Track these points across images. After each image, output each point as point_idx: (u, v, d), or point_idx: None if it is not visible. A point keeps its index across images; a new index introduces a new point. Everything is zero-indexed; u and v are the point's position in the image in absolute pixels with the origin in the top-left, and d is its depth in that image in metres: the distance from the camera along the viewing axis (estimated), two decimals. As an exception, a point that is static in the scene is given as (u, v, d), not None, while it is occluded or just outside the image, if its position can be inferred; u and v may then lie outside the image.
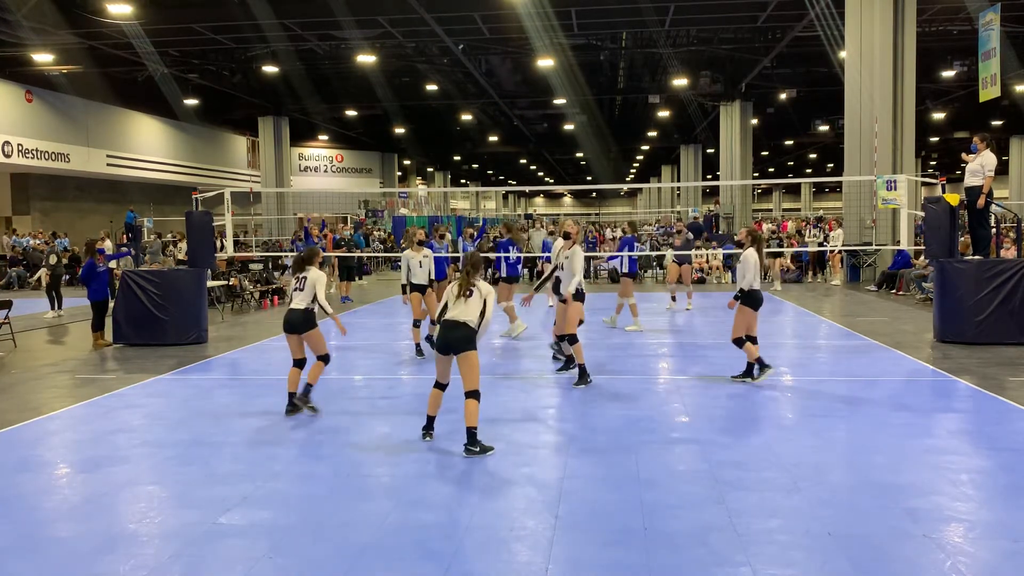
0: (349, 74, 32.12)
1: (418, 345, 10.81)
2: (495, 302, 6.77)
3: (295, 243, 23.40)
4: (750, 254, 8.54)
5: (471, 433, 6.25)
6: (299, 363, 7.75)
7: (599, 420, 7.28)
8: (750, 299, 8.56)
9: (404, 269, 10.96)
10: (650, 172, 70.94)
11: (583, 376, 8.71)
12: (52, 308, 16.85)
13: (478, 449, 6.22)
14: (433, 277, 11.10)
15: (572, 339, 8.82)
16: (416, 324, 10.85)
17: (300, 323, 7.60)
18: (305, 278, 7.66)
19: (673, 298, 15.76)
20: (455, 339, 6.26)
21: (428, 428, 6.67)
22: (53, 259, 18.17)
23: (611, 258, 17.46)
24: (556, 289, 9.51)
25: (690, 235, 16.90)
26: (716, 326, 13.18)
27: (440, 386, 6.55)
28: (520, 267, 14.97)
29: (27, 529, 4.94)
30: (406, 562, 4.35)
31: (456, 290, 6.43)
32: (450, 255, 14.20)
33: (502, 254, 13.33)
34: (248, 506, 5.23)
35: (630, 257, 13.62)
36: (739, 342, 8.67)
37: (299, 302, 7.60)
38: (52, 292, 17.05)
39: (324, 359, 7.78)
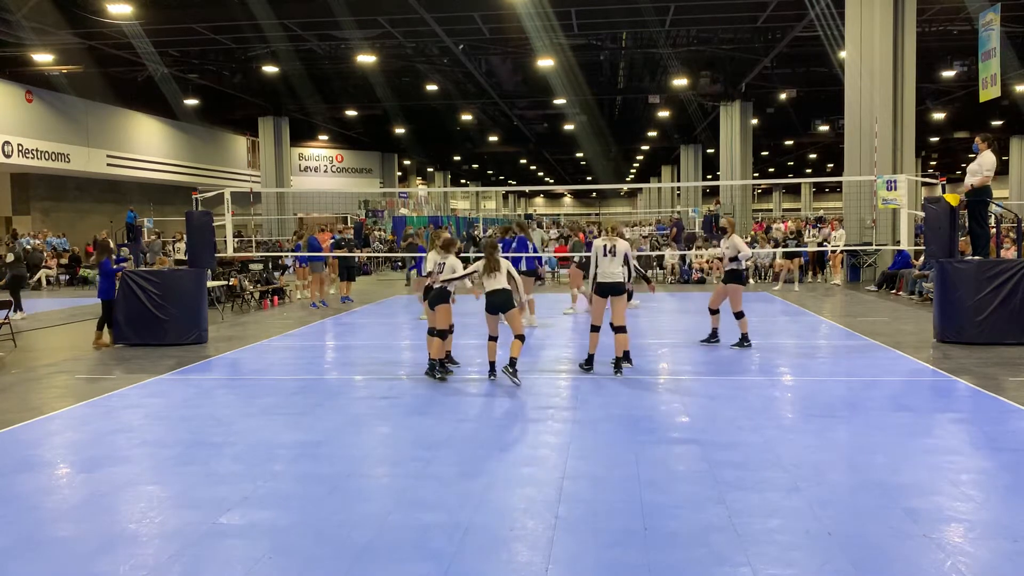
0: (349, 74, 32.15)
1: (443, 360, 9.24)
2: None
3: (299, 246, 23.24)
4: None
5: (513, 361, 8.55)
6: (494, 339, 9.01)
7: (599, 420, 7.28)
8: (600, 289, 9.59)
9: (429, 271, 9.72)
10: (650, 172, 70.95)
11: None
12: (19, 310, 16.08)
13: (514, 371, 8.51)
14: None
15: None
16: (440, 334, 9.13)
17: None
18: (444, 264, 8.94)
19: (574, 299, 15.56)
20: (502, 301, 8.64)
21: (492, 371, 8.85)
22: (10, 257, 17.30)
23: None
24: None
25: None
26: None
27: (494, 339, 8.83)
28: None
29: (27, 529, 4.94)
30: (406, 562, 4.35)
31: (488, 268, 8.73)
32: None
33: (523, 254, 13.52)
34: (248, 506, 5.23)
35: (527, 257, 14.21)
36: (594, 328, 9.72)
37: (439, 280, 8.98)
38: (13, 295, 15.99)
39: (440, 334, 8.99)
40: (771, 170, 63.81)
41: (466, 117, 41.18)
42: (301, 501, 5.31)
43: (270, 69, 29.17)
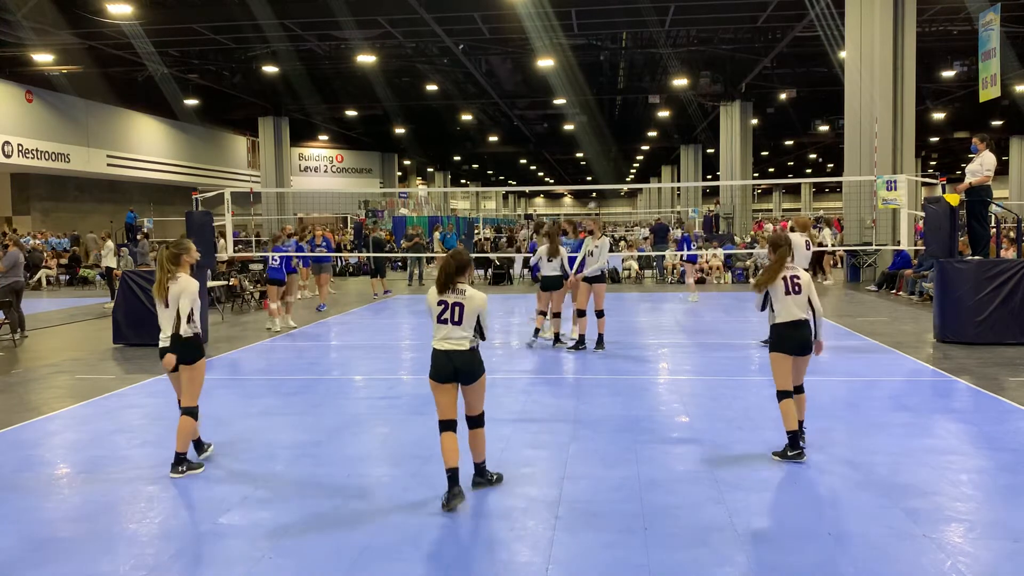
0: (349, 74, 32.13)
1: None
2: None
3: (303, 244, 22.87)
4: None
5: (480, 469, 5.55)
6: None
7: (599, 420, 7.28)
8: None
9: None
10: (650, 172, 70.96)
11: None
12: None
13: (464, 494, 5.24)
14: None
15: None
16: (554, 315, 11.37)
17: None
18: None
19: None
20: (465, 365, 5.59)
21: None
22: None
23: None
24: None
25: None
26: (716, 325, 13.19)
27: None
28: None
29: (27, 529, 4.94)
30: (406, 562, 4.35)
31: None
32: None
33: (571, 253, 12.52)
34: (248, 506, 5.23)
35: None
36: None
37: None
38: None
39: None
40: (771, 170, 63.78)
41: (466, 117, 41.17)
42: (301, 501, 5.31)
43: (270, 69, 29.16)
